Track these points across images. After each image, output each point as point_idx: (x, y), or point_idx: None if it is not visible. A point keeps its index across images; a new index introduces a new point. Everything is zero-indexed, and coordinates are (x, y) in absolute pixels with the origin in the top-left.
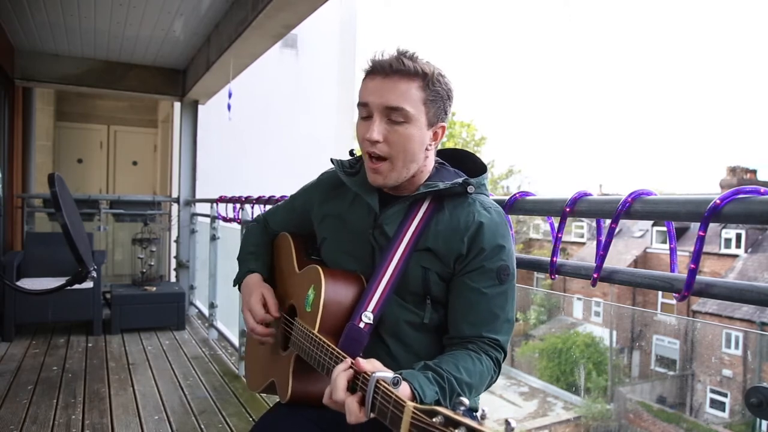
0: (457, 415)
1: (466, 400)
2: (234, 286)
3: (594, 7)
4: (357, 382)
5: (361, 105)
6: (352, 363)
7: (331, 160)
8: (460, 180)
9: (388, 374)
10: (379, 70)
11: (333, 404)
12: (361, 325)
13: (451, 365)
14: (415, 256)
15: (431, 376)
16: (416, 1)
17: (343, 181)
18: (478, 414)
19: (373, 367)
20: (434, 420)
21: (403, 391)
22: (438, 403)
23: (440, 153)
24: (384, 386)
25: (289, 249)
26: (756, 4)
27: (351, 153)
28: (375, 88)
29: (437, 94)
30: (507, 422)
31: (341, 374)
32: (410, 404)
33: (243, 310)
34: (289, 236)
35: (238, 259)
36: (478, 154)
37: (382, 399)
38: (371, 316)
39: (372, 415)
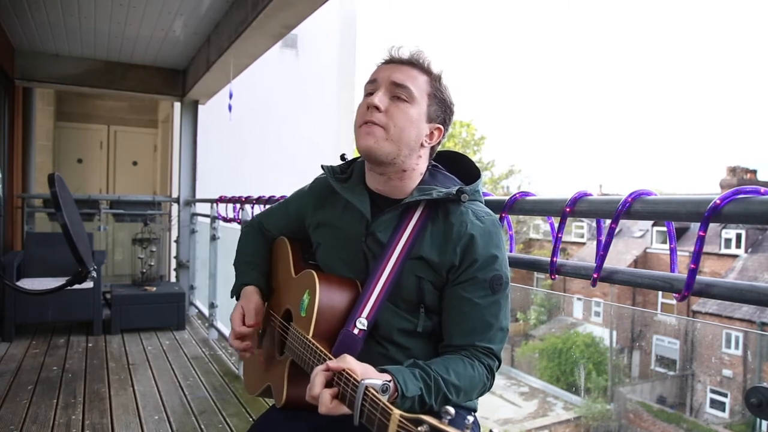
0: (442, 425)
1: (451, 409)
2: (231, 297)
3: (594, 7)
4: (334, 379)
5: (369, 83)
6: (331, 368)
7: (322, 166)
8: (454, 190)
9: (377, 381)
10: (394, 59)
11: (312, 400)
12: (355, 331)
13: (441, 366)
14: (409, 264)
15: (418, 373)
16: (417, 1)
17: (335, 188)
18: (476, 415)
19: (347, 363)
20: (419, 429)
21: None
22: (422, 398)
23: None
24: (372, 393)
25: (286, 253)
26: (756, 4)
27: (342, 157)
28: (386, 68)
29: (441, 95)
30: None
31: (320, 373)
32: (397, 412)
33: None
34: (287, 240)
35: (234, 265)
36: (478, 154)
37: (370, 406)
38: (365, 322)
39: (361, 422)
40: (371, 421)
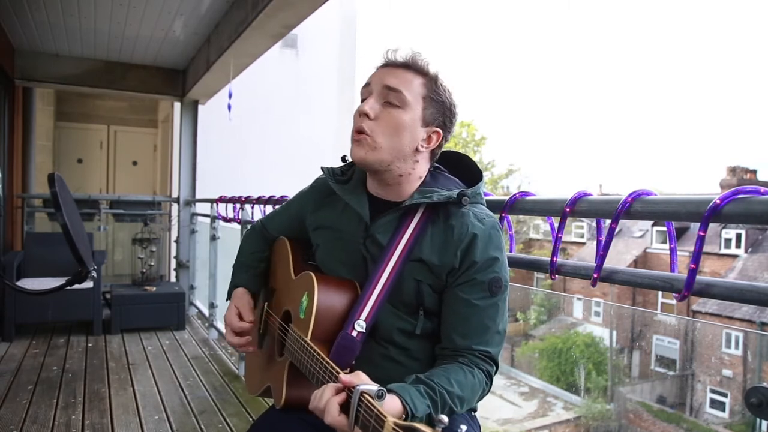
0: None
1: (445, 418)
2: (227, 300)
3: (594, 7)
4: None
5: (364, 86)
6: (343, 383)
7: (322, 168)
8: (455, 193)
9: (373, 387)
10: (389, 62)
11: (317, 411)
12: (354, 333)
13: (443, 378)
14: (408, 267)
15: (423, 389)
16: (417, 1)
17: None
18: (475, 415)
19: (359, 380)
20: None
21: (394, 404)
22: (429, 416)
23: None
24: (367, 399)
25: (286, 254)
26: (756, 4)
27: (343, 159)
28: (381, 73)
29: (438, 97)
30: None
31: (334, 399)
32: (390, 420)
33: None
34: (287, 241)
35: (233, 268)
36: (478, 155)
37: (365, 412)
38: (364, 324)
39: (356, 429)
40: (366, 427)
